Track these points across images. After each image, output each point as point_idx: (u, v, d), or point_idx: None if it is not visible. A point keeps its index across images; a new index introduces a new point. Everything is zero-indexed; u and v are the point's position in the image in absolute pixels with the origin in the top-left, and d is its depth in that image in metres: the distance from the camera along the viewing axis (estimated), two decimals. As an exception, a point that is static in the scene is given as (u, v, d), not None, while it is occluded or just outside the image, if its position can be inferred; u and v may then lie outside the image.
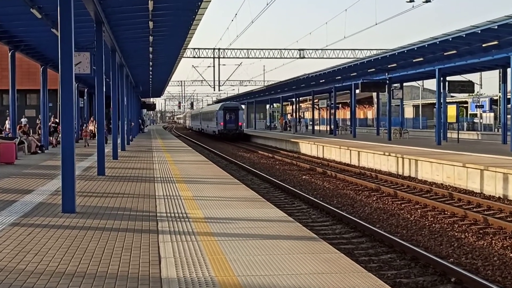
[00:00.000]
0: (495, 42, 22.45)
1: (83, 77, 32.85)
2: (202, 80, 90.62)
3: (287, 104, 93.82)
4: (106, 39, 18.26)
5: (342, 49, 59.01)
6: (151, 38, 22.01)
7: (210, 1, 16.90)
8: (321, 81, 43.98)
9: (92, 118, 36.80)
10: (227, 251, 6.80)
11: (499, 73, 56.82)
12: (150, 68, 34.90)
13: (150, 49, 25.33)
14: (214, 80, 69.77)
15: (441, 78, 30.86)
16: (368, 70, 35.06)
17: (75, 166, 9.73)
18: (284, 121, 62.30)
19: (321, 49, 58.55)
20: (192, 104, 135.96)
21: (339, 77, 40.60)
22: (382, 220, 13.65)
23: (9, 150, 19.25)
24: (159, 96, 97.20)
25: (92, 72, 17.74)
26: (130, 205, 10.39)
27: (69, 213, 9.40)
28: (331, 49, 59.11)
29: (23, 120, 35.84)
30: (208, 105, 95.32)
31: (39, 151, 24.34)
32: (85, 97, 45.13)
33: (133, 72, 36.91)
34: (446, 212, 14.31)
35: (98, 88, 16.66)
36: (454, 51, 25.39)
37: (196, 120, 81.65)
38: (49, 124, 28.36)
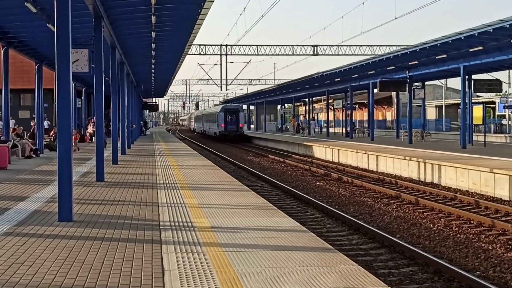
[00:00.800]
0: (525, 38, 22.36)
1: (81, 76, 33.04)
2: (208, 79, 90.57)
3: (300, 105, 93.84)
4: (105, 35, 18.32)
5: (359, 45, 59.01)
6: (153, 33, 22.06)
7: (217, -6, 16.92)
8: (336, 79, 43.94)
9: (91, 119, 36.69)
10: (236, 263, 6.79)
11: (529, 71, 56.64)
12: (153, 66, 34.97)
13: (153, 45, 25.38)
14: (221, 79, 69.93)
15: (466, 77, 30.75)
16: (387, 68, 34.99)
17: (72, 171, 9.76)
18: (296, 122, 62.27)
19: (336, 45, 58.56)
20: (197, 104, 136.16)
21: (356, 76, 40.55)
22: (403, 229, 13.61)
23: (2, 154, 19.34)
24: (162, 96, 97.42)
25: (91, 70, 17.79)
26: (131, 213, 10.41)
27: (66, 222, 9.43)
28: (347, 45, 59.19)
29: (11, 122, 35.66)
30: (215, 105, 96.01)
31: (34, 155, 24.44)
32: (83, 97, 45.32)
33: (135, 71, 37.01)
34: (472, 222, 14.24)
35: (97, 88, 16.71)
36: (481, 47, 25.29)
37: (199, 121, 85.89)
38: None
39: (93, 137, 29.60)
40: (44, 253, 7.35)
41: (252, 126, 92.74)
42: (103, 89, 16.73)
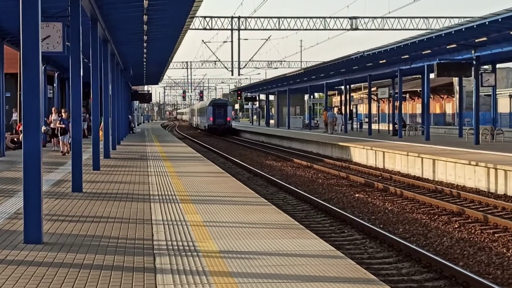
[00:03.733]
0: None
1: (53, 57, 33.15)
2: (215, 61, 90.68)
3: (334, 94, 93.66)
4: (84, 4, 18.39)
5: (410, 17, 58.73)
6: (146, 2, 22.11)
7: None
8: (380, 61, 43.80)
9: (54, 110, 34.82)
10: (252, 298, 6.78)
11: None
12: (145, 45, 35.07)
13: (145, 17, 25.44)
14: (232, 61, 69.87)
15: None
16: (447, 47, 34.81)
17: (42, 180, 9.79)
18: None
19: (381, 17, 58.37)
20: (201, 93, 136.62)
21: (406, 56, 40.40)
22: (467, 255, 13.53)
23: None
24: (157, 83, 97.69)
25: (65, 49, 17.86)
26: (117, 233, 10.42)
27: (33, 244, 9.45)
28: (394, 17, 58.85)
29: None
30: (224, 94, 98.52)
31: (-7, 159, 24.59)
32: (55, 84, 45.49)
33: (121, 50, 37.13)
34: (558, 246, 14.13)
35: (73, 72, 16.77)
36: None
37: (194, 115, 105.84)
38: None
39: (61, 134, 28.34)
40: (7, 284, 7.37)
41: (272, 121, 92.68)
42: (81, 74, 16.77)
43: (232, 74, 77.17)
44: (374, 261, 13.09)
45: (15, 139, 31.30)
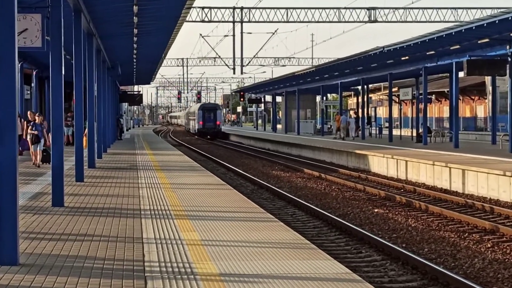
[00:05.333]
0: None
1: (30, 53, 33.21)
2: (215, 58, 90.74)
3: (349, 95, 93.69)
4: (66, -7, 18.39)
5: (435, 8, 58.83)
6: (136, -9, 22.15)
7: None
8: (403, 58, 43.78)
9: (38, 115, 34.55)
10: (256, 328, 6.77)
11: None
12: (135, 39, 35.09)
13: (135, 8, 25.45)
14: (234, 58, 69.89)
15: None
16: (479, 41, 34.81)
17: (18, 193, 9.78)
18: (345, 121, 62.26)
19: (403, 8, 58.42)
20: (199, 94, 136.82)
21: (432, 52, 40.38)
22: (502, 279, 13.51)
23: None
24: (148, 83, 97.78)
25: (45, 45, 17.89)
26: (103, 253, 10.41)
27: (8, 266, 9.45)
28: (418, 8, 58.91)
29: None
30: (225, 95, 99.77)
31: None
32: (33, 84, 45.56)
33: (109, 46, 37.16)
34: None
35: (53, 70, 16.77)
36: None
37: (187, 119, 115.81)
38: None
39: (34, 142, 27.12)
40: (-23, 311, 7.37)
41: (279, 126, 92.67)
42: (63, 73, 16.77)
43: (234, 73, 76.86)
44: (395, 285, 13.08)
45: None
